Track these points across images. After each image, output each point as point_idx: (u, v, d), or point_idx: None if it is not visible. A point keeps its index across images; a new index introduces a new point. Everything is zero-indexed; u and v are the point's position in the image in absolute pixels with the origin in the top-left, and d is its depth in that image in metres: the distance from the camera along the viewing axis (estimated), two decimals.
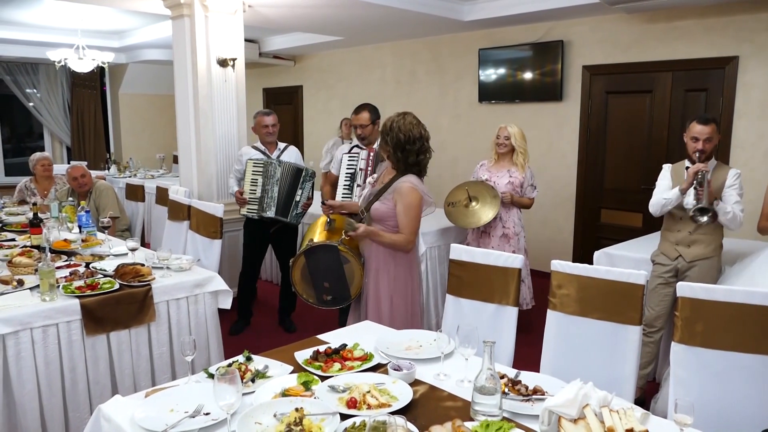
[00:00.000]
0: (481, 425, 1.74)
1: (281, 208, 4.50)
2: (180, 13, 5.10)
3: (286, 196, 4.49)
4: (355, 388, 1.96)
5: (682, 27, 5.43)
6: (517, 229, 4.55)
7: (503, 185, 4.49)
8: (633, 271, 2.47)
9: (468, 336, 2.10)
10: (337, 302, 3.34)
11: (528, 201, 4.59)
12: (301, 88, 9.50)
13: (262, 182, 4.49)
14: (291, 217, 4.52)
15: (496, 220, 4.46)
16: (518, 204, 4.55)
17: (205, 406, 1.89)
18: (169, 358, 3.24)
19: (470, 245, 3.95)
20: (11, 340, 2.67)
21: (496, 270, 2.83)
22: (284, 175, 4.49)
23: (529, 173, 4.56)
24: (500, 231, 4.53)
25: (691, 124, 3.40)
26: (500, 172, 4.55)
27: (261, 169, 4.51)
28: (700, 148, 3.34)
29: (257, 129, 4.71)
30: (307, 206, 4.62)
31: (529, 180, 4.56)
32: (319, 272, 3.28)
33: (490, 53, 6.79)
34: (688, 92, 5.52)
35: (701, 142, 3.33)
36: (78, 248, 3.89)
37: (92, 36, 8.37)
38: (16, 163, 10.17)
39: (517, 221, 4.57)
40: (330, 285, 3.29)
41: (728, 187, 3.35)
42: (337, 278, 3.26)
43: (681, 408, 1.68)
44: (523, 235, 4.61)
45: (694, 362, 2.29)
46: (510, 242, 4.51)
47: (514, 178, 4.50)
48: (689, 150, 3.41)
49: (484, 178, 4.59)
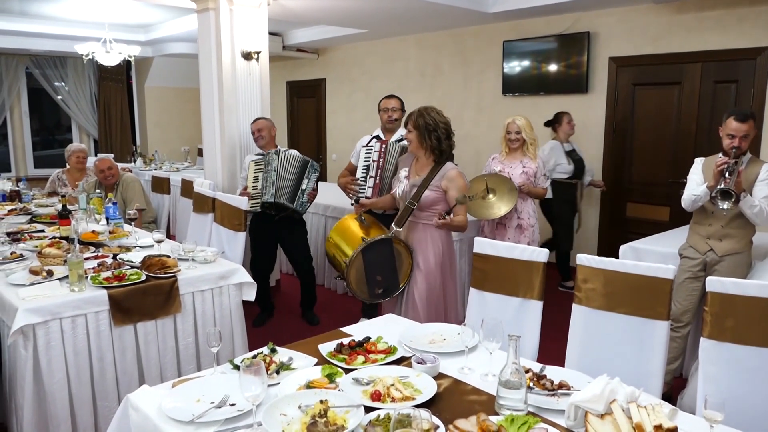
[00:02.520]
0: (506, 420, 1.73)
1: (286, 193, 4.54)
2: (205, 7, 5.13)
3: (293, 183, 4.56)
4: (379, 381, 1.96)
5: (712, 17, 5.32)
6: (532, 220, 4.55)
7: (517, 176, 4.49)
8: (661, 265, 2.43)
9: (493, 330, 2.09)
10: (387, 293, 3.48)
11: (542, 191, 4.59)
12: (324, 81, 9.50)
13: (262, 176, 4.60)
14: (297, 204, 4.59)
15: (512, 212, 4.45)
16: (533, 194, 4.54)
17: (230, 397, 1.90)
18: (194, 349, 3.27)
19: (486, 237, 3.98)
20: (41, 330, 2.72)
21: (520, 264, 2.81)
22: (285, 162, 4.57)
23: (540, 162, 4.57)
24: (515, 222, 4.52)
25: (727, 120, 3.29)
26: (513, 163, 4.55)
27: (261, 166, 4.63)
28: (736, 145, 3.24)
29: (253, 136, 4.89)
30: (313, 197, 4.68)
31: (542, 169, 4.56)
32: (374, 267, 3.41)
33: (514, 45, 6.72)
34: (718, 84, 5.41)
35: (737, 139, 3.24)
36: (105, 240, 3.94)
37: (119, 30, 8.48)
38: (45, 155, 10.34)
39: (532, 213, 4.57)
40: (383, 278, 3.43)
41: (760, 181, 3.28)
42: (390, 270, 3.42)
43: (711, 404, 1.65)
44: (537, 227, 4.60)
45: (724, 358, 2.25)
46: (525, 233, 4.51)
47: (528, 168, 4.50)
48: (724, 146, 3.31)
49: (498, 170, 4.59)
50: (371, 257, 3.39)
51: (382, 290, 3.46)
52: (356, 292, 3.45)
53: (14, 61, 9.58)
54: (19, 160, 10.01)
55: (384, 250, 3.40)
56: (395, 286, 3.46)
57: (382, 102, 4.47)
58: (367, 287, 3.43)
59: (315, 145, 9.79)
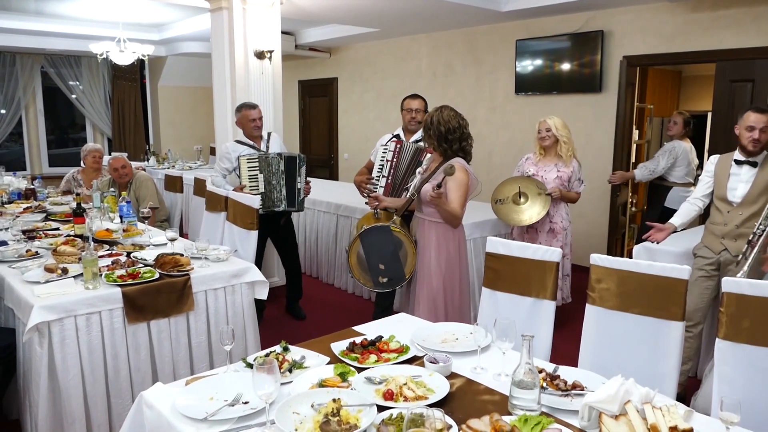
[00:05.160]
0: (519, 420, 1.73)
1: (293, 198, 4.56)
2: (218, 6, 5.15)
3: (290, 187, 4.55)
4: (392, 380, 1.96)
5: (728, 16, 5.27)
6: (565, 224, 4.47)
7: (551, 180, 4.39)
8: (676, 265, 2.41)
9: (505, 330, 2.08)
10: (393, 283, 3.51)
11: (575, 195, 4.49)
12: (337, 80, 9.51)
13: (264, 177, 4.50)
14: (298, 204, 4.59)
15: (544, 216, 4.38)
16: (566, 198, 4.45)
17: (243, 395, 1.91)
18: (207, 346, 3.29)
19: (515, 240, 3.92)
20: (56, 327, 2.74)
21: (533, 263, 2.80)
22: (283, 166, 4.52)
23: (576, 166, 4.45)
24: (547, 226, 4.45)
25: (745, 114, 3.31)
26: (547, 167, 4.45)
27: (257, 164, 4.50)
28: (756, 137, 3.26)
29: (243, 123, 4.63)
30: (308, 191, 4.68)
31: (577, 174, 4.45)
32: (375, 254, 3.46)
33: (527, 44, 6.70)
34: (734, 83, 5.36)
35: (757, 131, 3.25)
36: (119, 238, 3.97)
37: (133, 29, 8.53)
38: (59, 154, 10.43)
39: (565, 216, 4.48)
40: (385, 266, 3.46)
41: None
42: (392, 259, 3.45)
43: (727, 406, 1.63)
44: (570, 230, 4.53)
45: (740, 359, 2.22)
46: (557, 237, 4.43)
47: (562, 173, 4.40)
48: (743, 140, 3.32)
49: (531, 172, 4.49)
50: (371, 243, 3.46)
51: (387, 279, 3.47)
52: (359, 279, 3.54)
53: (29, 61, 9.67)
54: (34, 159, 10.10)
55: (383, 238, 3.44)
56: (401, 276, 3.46)
57: (405, 102, 4.40)
58: (370, 275, 3.50)
59: (327, 145, 9.81)
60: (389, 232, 3.44)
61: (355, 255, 3.50)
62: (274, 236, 4.95)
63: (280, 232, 4.88)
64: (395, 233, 3.43)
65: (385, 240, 3.44)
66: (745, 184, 3.33)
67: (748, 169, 3.35)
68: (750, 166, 3.34)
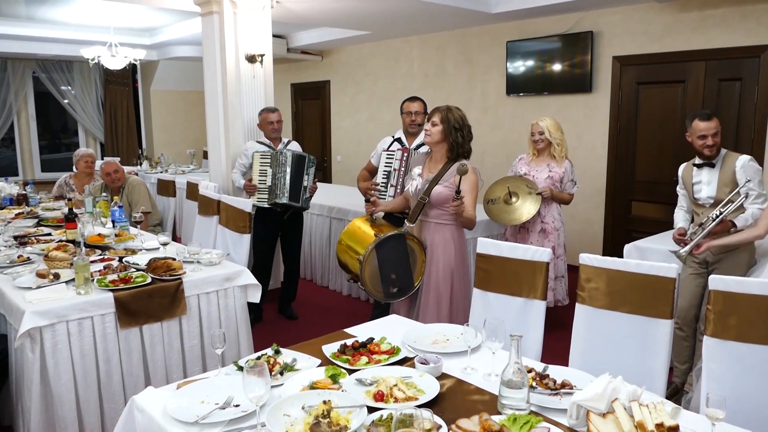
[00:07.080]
0: (509, 419, 1.74)
1: (296, 193, 4.63)
2: (209, 10, 5.16)
3: (295, 182, 4.62)
4: (382, 382, 1.97)
5: (716, 15, 5.31)
6: (557, 224, 4.48)
7: (542, 180, 4.41)
8: (664, 264, 2.44)
9: (495, 330, 2.10)
10: (402, 293, 3.42)
11: (568, 196, 4.50)
12: (329, 83, 9.53)
13: (272, 172, 4.63)
14: (302, 201, 4.67)
15: (536, 216, 4.40)
16: (558, 199, 4.46)
17: (234, 398, 1.92)
18: (199, 350, 3.29)
19: (509, 241, 3.93)
20: (48, 333, 2.74)
21: (523, 264, 2.82)
22: (292, 162, 4.61)
23: (569, 167, 4.47)
24: (539, 226, 4.47)
25: (693, 123, 3.41)
26: (539, 167, 4.48)
27: (269, 161, 4.66)
28: (709, 144, 3.36)
29: (263, 126, 4.88)
30: (314, 191, 4.76)
31: (569, 175, 4.47)
32: (389, 264, 3.34)
33: (518, 45, 6.73)
34: (722, 81, 5.40)
35: (709, 137, 3.35)
36: (111, 243, 3.97)
37: (124, 34, 8.53)
38: (51, 159, 10.40)
39: (557, 216, 4.50)
40: (397, 276, 3.36)
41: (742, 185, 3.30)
42: (404, 268, 3.37)
43: (713, 402, 1.65)
44: (563, 231, 4.54)
45: (728, 356, 2.25)
46: (549, 238, 4.44)
47: (554, 173, 4.42)
48: (697, 148, 3.43)
49: (523, 172, 4.51)
50: (385, 254, 3.32)
51: (397, 289, 3.37)
52: (371, 291, 3.37)
53: (21, 66, 9.65)
54: (26, 164, 10.07)
55: (398, 246, 3.34)
56: (410, 284, 3.39)
57: (405, 104, 4.40)
58: (381, 285, 3.35)
59: (320, 147, 9.81)
60: (404, 239, 3.36)
61: (369, 267, 3.32)
62: (283, 235, 4.99)
63: (286, 228, 4.92)
64: (409, 240, 3.37)
65: (400, 248, 3.35)
66: (708, 186, 3.43)
67: (708, 171, 3.44)
68: (709, 167, 3.44)
